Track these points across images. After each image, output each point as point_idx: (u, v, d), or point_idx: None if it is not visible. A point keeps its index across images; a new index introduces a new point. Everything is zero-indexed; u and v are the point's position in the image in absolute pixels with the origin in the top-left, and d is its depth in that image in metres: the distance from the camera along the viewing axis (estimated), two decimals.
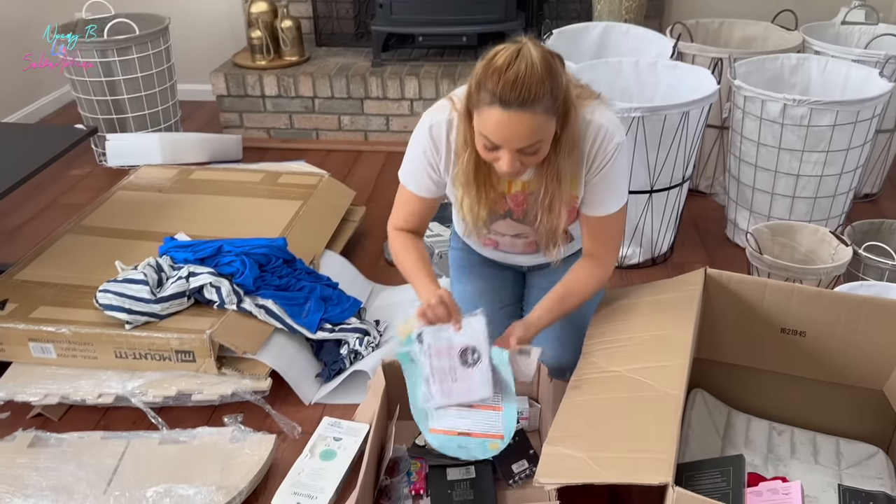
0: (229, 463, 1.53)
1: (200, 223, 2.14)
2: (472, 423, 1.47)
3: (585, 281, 1.54)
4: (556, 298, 1.52)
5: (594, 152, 1.42)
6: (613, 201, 1.50)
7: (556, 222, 1.48)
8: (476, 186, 1.46)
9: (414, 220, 1.60)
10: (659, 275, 2.26)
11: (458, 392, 1.46)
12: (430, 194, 1.56)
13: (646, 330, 1.43)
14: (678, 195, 2.25)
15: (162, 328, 1.71)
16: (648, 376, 1.30)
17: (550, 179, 1.41)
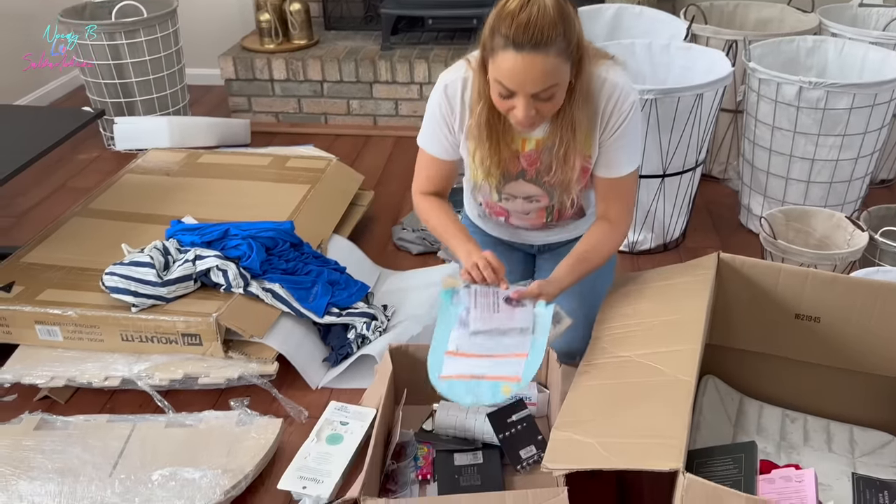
0: (235, 446, 1.52)
1: (208, 207, 2.13)
2: (489, 368, 1.40)
3: (602, 243, 1.54)
4: (576, 259, 1.52)
5: (609, 111, 1.42)
6: (628, 162, 1.50)
7: (571, 174, 1.47)
8: (489, 140, 1.45)
9: (435, 184, 1.61)
10: (671, 260, 2.23)
11: (497, 320, 1.44)
12: (448, 156, 1.56)
13: (657, 314, 1.41)
14: (691, 180, 2.22)
15: (168, 311, 1.70)
16: (659, 361, 1.27)
17: (565, 129, 1.40)
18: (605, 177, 1.52)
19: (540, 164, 1.50)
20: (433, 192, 1.62)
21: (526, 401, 1.60)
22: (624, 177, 1.51)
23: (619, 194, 1.54)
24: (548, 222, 1.65)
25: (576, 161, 1.45)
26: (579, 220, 1.70)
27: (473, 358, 1.42)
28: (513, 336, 1.43)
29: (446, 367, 1.42)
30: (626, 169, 1.50)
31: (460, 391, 1.38)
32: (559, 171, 1.46)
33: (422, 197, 1.62)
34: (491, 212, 1.69)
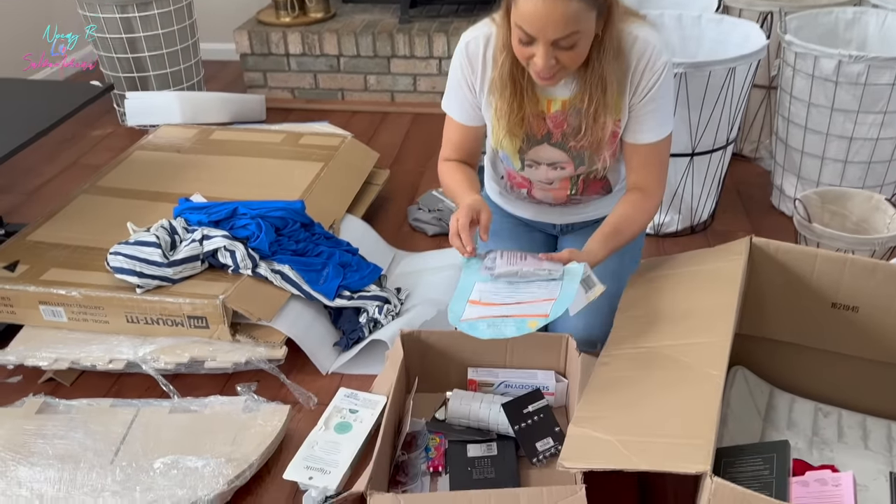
0: (241, 434, 1.47)
1: (219, 184, 2.07)
2: (515, 310, 1.32)
3: (635, 214, 1.47)
4: (610, 230, 1.44)
5: (641, 70, 1.35)
6: (661, 126, 1.43)
7: (601, 134, 1.40)
8: (512, 95, 1.38)
9: (461, 152, 1.55)
10: (698, 244, 2.14)
11: (525, 264, 1.38)
12: (471, 121, 1.51)
13: (684, 303, 1.32)
14: (721, 159, 2.11)
15: (174, 293, 1.65)
16: (686, 353, 1.19)
17: (595, 87, 1.34)
18: (636, 143, 1.44)
19: (567, 127, 1.42)
20: (457, 160, 1.56)
21: (543, 390, 1.53)
22: (657, 143, 1.43)
23: (652, 162, 1.46)
24: (571, 195, 1.57)
25: (606, 120, 1.37)
26: (605, 196, 1.61)
27: (498, 306, 1.35)
28: (540, 284, 1.36)
29: (468, 312, 1.35)
30: (658, 134, 1.42)
31: (481, 327, 1.31)
32: (589, 131, 1.39)
33: (444, 163, 1.57)
34: (512, 184, 1.61)
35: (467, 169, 1.53)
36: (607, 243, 1.43)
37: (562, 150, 1.47)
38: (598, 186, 1.57)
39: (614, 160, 1.50)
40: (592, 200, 1.61)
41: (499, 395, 1.55)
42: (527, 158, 1.51)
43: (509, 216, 1.70)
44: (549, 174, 1.52)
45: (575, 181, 1.54)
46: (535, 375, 1.56)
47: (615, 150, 1.47)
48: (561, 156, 1.48)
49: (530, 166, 1.52)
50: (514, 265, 1.38)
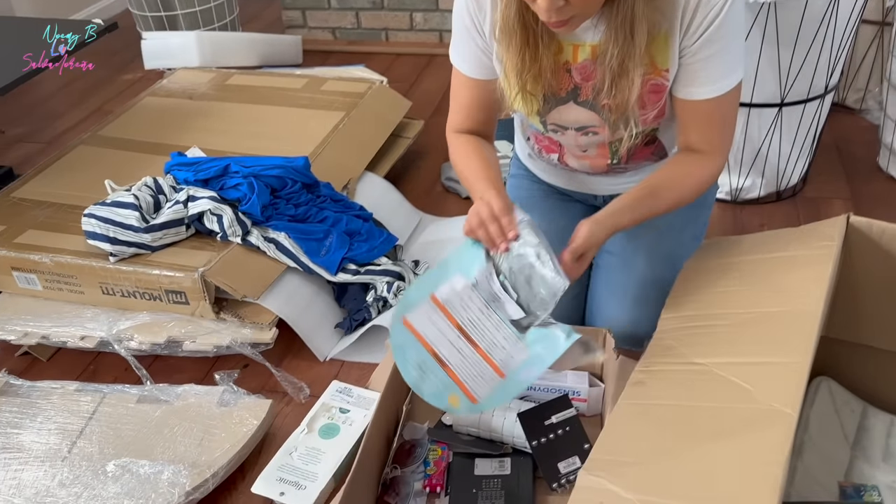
0: (210, 434, 1.26)
1: (223, 136, 1.84)
2: (457, 359, 1.07)
3: (686, 176, 1.14)
4: (645, 191, 1.12)
5: (693, 5, 1.01)
6: (723, 77, 1.08)
7: (627, 93, 1.06)
8: (523, 44, 1.06)
9: (472, 116, 1.23)
10: (783, 214, 1.78)
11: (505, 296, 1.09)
12: (482, 73, 1.18)
13: (753, 304, 1.01)
14: (817, 111, 1.73)
15: (152, 262, 1.44)
16: (749, 378, 0.89)
17: (621, 29, 1.00)
18: (690, 99, 1.10)
19: (596, 80, 1.10)
20: (469, 130, 1.25)
21: (572, 396, 1.26)
22: (718, 97, 1.09)
23: (713, 120, 1.12)
24: (612, 164, 1.26)
25: (634, 74, 1.04)
26: (659, 161, 1.29)
27: (451, 328, 1.07)
28: (506, 333, 1.07)
29: (417, 313, 1.07)
30: (720, 87, 1.08)
31: (409, 357, 1.07)
32: (613, 87, 1.06)
33: (454, 136, 1.26)
34: (540, 147, 1.30)
35: (483, 148, 1.21)
36: (636, 207, 1.11)
37: (592, 111, 1.15)
38: (646, 153, 1.25)
39: (665, 119, 1.17)
40: (642, 167, 1.29)
41: (519, 399, 1.28)
42: (549, 122, 1.20)
43: (540, 183, 1.41)
44: (578, 140, 1.21)
45: (615, 149, 1.22)
46: (565, 377, 1.28)
47: (663, 107, 1.14)
48: (591, 117, 1.16)
49: (555, 131, 1.21)
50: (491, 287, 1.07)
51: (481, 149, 1.22)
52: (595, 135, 1.18)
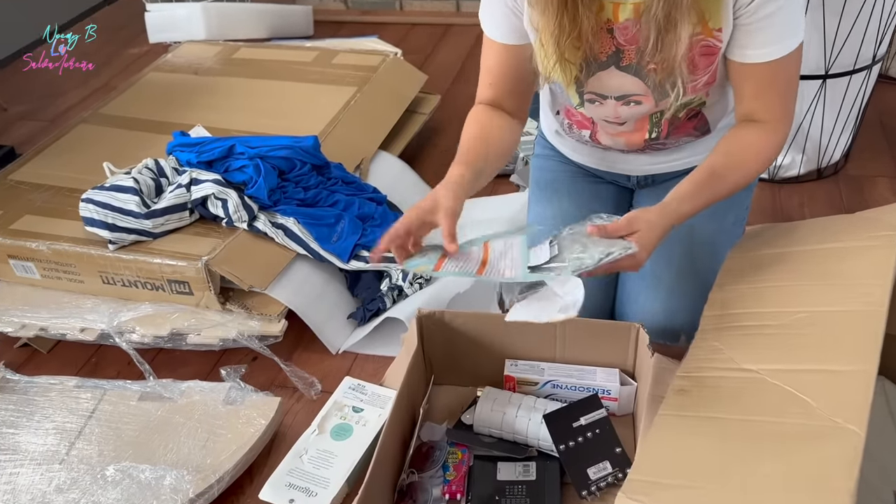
0: (217, 434, 1.18)
1: (231, 113, 1.75)
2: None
3: (748, 150, 1.02)
4: (705, 176, 1.00)
5: None
6: (786, 35, 0.97)
7: (675, 50, 0.96)
8: (560, 6, 0.95)
9: (499, 84, 1.12)
10: (825, 193, 1.67)
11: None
12: (512, 37, 1.07)
13: (807, 302, 0.91)
14: (864, 82, 1.61)
15: (153, 251, 1.36)
16: (807, 388, 0.79)
17: None
18: (749, 62, 0.99)
19: (640, 42, 0.99)
20: (494, 101, 1.14)
21: (603, 395, 1.17)
22: (780, 59, 0.98)
23: (774, 87, 1.01)
24: (650, 140, 1.15)
25: (682, 28, 0.94)
26: (700, 139, 1.18)
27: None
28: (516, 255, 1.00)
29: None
30: (782, 47, 0.97)
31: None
32: (659, 43, 0.95)
33: (474, 107, 1.15)
34: (571, 122, 1.20)
35: (489, 126, 1.10)
36: (698, 194, 1.00)
37: (636, 77, 1.04)
38: (689, 127, 1.14)
39: (711, 86, 1.07)
40: (683, 144, 1.18)
41: (543, 398, 1.19)
42: (587, 91, 1.09)
43: (568, 163, 1.30)
44: (618, 111, 1.10)
45: (656, 120, 1.12)
46: (594, 374, 1.19)
47: (714, 72, 1.04)
48: (634, 84, 1.05)
49: (592, 101, 1.11)
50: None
51: (486, 127, 1.10)
52: (637, 104, 1.07)
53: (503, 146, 1.11)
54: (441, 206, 0.99)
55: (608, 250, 0.90)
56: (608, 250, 0.90)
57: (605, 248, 0.91)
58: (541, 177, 1.33)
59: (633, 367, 1.20)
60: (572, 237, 0.95)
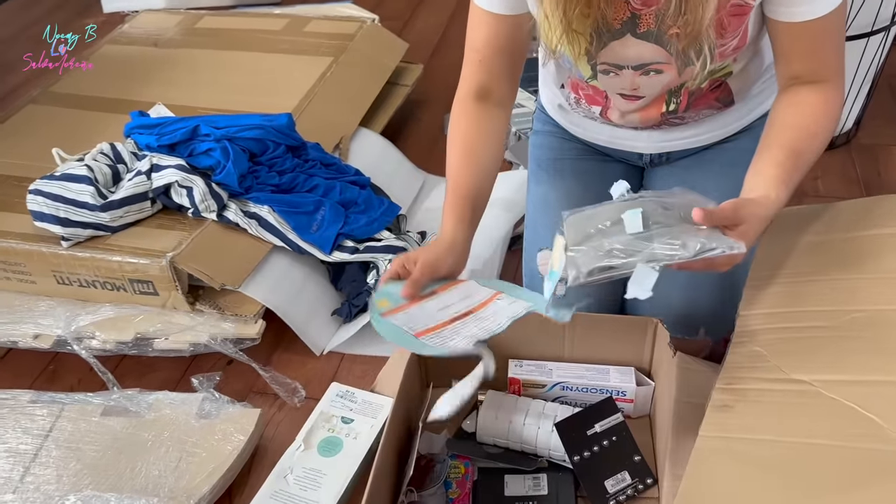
0: (190, 453, 1.06)
1: (194, 89, 1.60)
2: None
3: (820, 115, 0.88)
4: (788, 154, 0.84)
5: None
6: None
7: (701, 12, 0.83)
8: None
9: (490, 63, 0.99)
10: (838, 164, 1.57)
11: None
12: (507, 5, 0.94)
13: (858, 299, 0.80)
14: (880, 45, 1.50)
15: (112, 247, 1.22)
16: (873, 404, 0.69)
17: None
18: (796, 21, 0.87)
19: (661, 3, 0.86)
20: (483, 85, 1.01)
21: (617, 396, 1.06)
22: (827, 15, 0.86)
23: (827, 40, 0.89)
24: (667, 113, 1.03)
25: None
26: (721, 112, 1.06)
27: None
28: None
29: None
30: (830, 2, 0.85)
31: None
32: (683, 5, 0.82)
33: (462, 103, 1.02)
34: (579, 98, 1.07)
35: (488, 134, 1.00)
36: (790, 178, 0.84)
37: (656, 44, 0.91)
38: (711, 98, 1.02)
39: (743, 51, 0.94)
40: (703, 118, 1.06)
41: (552, 401, 1.08)
42: (600, 62, 0.96)
43: (572, 140, 1.18)
44: (636, 81, 0.97)
45: (675, 92, 0.99)
46: (607, 374, 1.08)
47: (745, 34, 0.91)
48: (654, 52, 0.92)
49: (606, 73, 0.98)
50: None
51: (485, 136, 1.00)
52: (658, 73, 0.94)
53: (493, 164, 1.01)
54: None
55: (710, 245, 0.73)
56: (710, 245, 0.73)
57: (705, 241, 0.73)
58: (541, 155, 1.20)
59: (649, 365, 1.10)
60: (662, 214, 0.78)
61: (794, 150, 0.85)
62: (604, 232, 0.76)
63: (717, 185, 1.00)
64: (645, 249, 0.73)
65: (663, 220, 0.75)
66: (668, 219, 0.75)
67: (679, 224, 0.74)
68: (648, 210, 0.76)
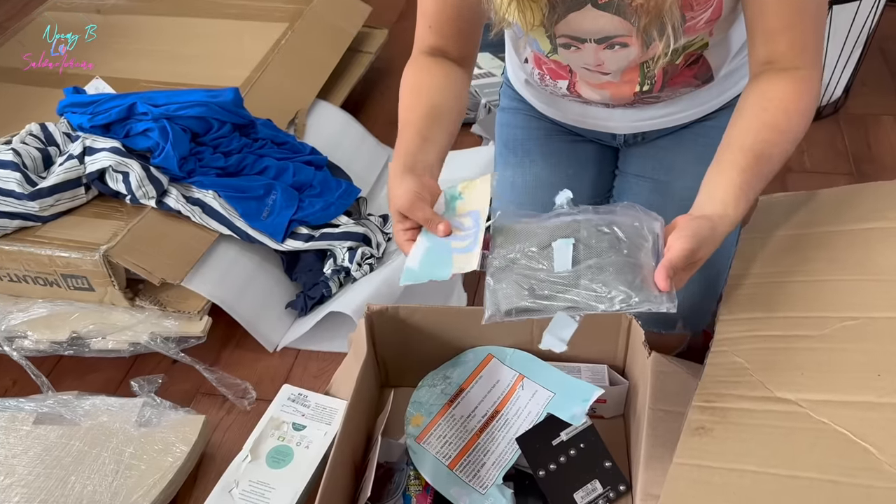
0: (129, 466, 0.98)
1: (137, 59, 1.48)
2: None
3: (790, 111, 0.77)
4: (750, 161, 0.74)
5: None
6: None
7: None
8: None
9: (441, 28, 0.89)
10: (825, 135, 1.49)
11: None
12: None
13: (852, 305, 0.72)
14: (873, 7, 1.40)
15: (42, 239, 1.12)
16: (867, 429, 0.61)
17: None
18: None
19: None
20: (439, 50, 0.91)
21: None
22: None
23: (804, 16, 0.78)
24: (641, 93, 0.93)
25: None
26: (701, 89, 0.97)
27: None
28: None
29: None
30: None
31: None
32: None
33: (414, 58, 0.92)
34: (544, 73, 0.97)
35: (441, 89, 0.87)
36: (750, 186, 0.74)
37: (617, 15, 0.81)
38: (688, 75, 0.92)
39: (719, 23, 0.85)
40: (679, 96, 0.97)
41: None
42: (558, 35, 0.86)
43: (541, 118, 1.08)
44: (600, 55, 0.87)
45: (648, 71, 0.90)
46: (578, 373, 1.01)
47: (718, 6, 0.81)
48: (617, 24, 0.82)
49: (567, 47, 0.88)
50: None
51: (435, 87, 0.87)
52: (623, 47, 0.85)
53: (451, 111, 0.88)
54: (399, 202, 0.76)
55: (637, 302, 0.66)
56: (637, 302, 0.66)
57: (632, 295, 0.66)
58: (508, 135, 1.11)
59: (623, 363, 1.02)
60: (597, 242, 0.70)
61: (758, 155, 0.75)
62: (530, 258, 0.70)
63: (696, 168, 0.91)
64: (569, 293, 0.67)
65: (596, 253, 0.68)
66: (601, 252, 0.68)
67: (611, 259, 0.68)
68: (583, 237, 0.70)
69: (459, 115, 0.90)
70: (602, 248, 0.68)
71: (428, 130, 0.84)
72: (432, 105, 0.86)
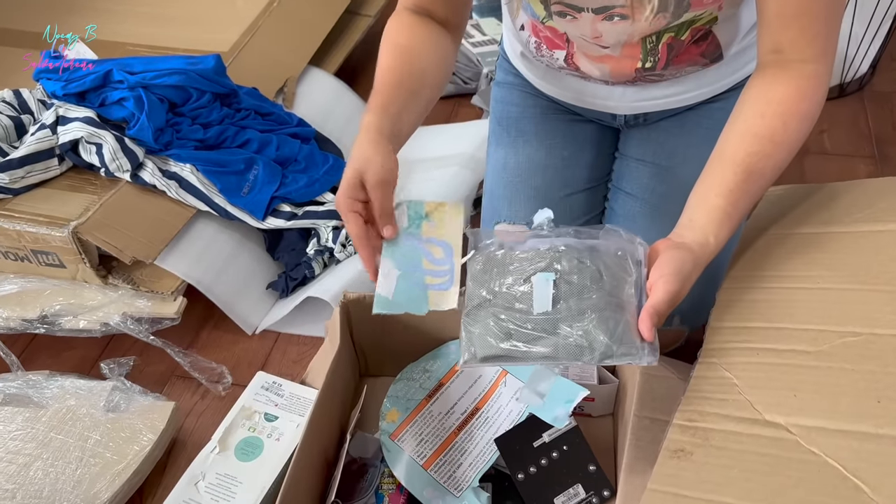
0: (94, 453, 0.94)
1: (121, 20, 1.42)
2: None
3: (789, 117, 0.70)
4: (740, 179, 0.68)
5: None
6: None
7: None
8: None
9: None
10: (848, 114, 1.40)
11: None
12: None
13: (861, 318, 0.65)
14: None
15: (12, 213, 1.07)
16: (860, 464, 0.55)
17: None
18: None
19: None
20: (420, 7, 0.84)
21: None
22: None
23: (815, 6, 0.70)
24: (643, 70, 0.86)
25: None
26: (708, 68, 0.89)
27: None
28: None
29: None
30: None
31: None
32: None
33: (398, 13, 0.85)
34: (540, 41, 0.90)
35: (424, 52, 0.80)
36: (735, 208, 0.69)
37: None
38: (695, 53, 0.85)
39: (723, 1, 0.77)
40: (684, 75, 0.89)
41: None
42: (553, 2, 0.79)
43: (538, 95, 1.01)
44: (597, 27, 0.80)
45: (651, 46, 0.82)
46: (566, 369, 0.95)
47: None
48: None
49: (562, 15, 0.80)
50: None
51: (418, 57, 0.81)
52: (622, 19, 0.77)
53: (433, 72, 0.81)
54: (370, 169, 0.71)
55: (617, 355, 0.63)
56: (617, 355, 0.63)
57: (613, 348, 0.62)
58: (503, 112, 1.04)
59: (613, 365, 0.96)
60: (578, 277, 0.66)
61: (749, 172, 0.68)
62: (507, 298, 0.66)
63: (700, 153, 0.83)
64: (548, 340, 0.63)
65: (577, 291, 0.65)
66: (581, 290, 0.65)
67: (593, 300, 0.64)
68: (564, 269, 0.66)
69: (439, 86, 0.84)
70: (583, 284, 0.65)
71: (406, 100, 0.78)
72: (412, 71, 0.80)
